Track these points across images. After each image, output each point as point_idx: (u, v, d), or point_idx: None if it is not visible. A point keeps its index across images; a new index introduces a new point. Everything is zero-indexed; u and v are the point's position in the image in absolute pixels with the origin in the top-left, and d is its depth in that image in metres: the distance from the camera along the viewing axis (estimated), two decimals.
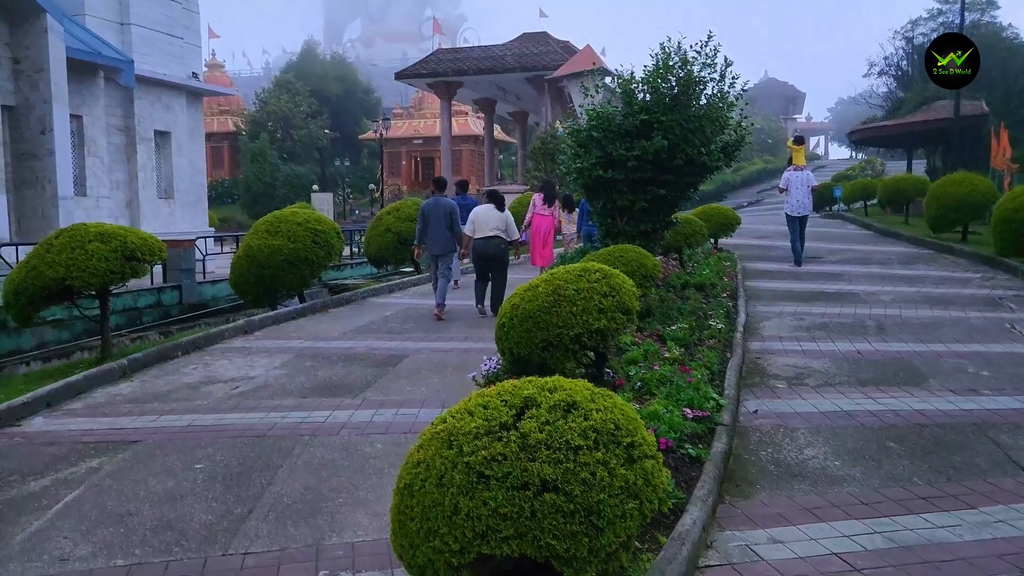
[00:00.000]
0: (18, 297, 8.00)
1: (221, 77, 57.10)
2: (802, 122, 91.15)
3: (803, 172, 14.75)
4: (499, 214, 10.67)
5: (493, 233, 10.57)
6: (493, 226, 10.58)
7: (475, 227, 10.66)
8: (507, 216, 10.77)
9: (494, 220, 10.61)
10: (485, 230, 10.58)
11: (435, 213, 10.79)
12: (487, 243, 10.57)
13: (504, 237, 10.68)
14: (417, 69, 36.84)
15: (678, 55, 9.53)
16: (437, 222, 10.75)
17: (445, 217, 10.76)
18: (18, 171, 18.88)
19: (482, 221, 10.64)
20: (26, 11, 18.30)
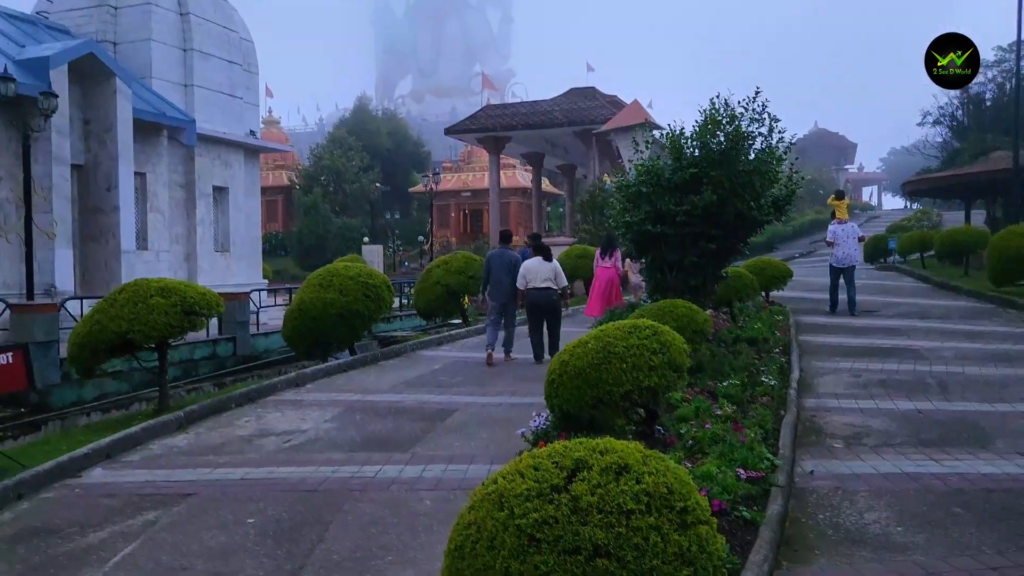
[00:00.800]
0: (82, 350, 8.26)
1: (277, 134, 58.92)
2: (854, 173, 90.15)
3: (849, 225, 15.34)
4: (549, 265, 10.98)
5: (545, 284, 10.87)
6: (544, 277, 10.88)
7: (527, 280, 10.93)
8: (556, 266, 11.09)
9: (545, 271, 10.91)
10: (537, 282, 10.87)
11: (499, 264, 11.45)
12: (540, 294, 10.89)
13: (555, 287, 10.98)
14: (466, 124, 37.53)
15: (726, 111, 9.57)
16: (501, 272, 11.36)
17: (509, 268, 11.36)
18: (84, 226, 19.62)
19: (534, 273, 10.92)
20: (97, 75, 19.22)
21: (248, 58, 26.02)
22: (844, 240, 14.84)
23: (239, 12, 26.08)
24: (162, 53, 22.70)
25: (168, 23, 22.95)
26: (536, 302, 10.90)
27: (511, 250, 11.94)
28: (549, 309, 10.97)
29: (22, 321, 12.23)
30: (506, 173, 50.32)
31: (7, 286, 17.33)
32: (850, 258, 14.73)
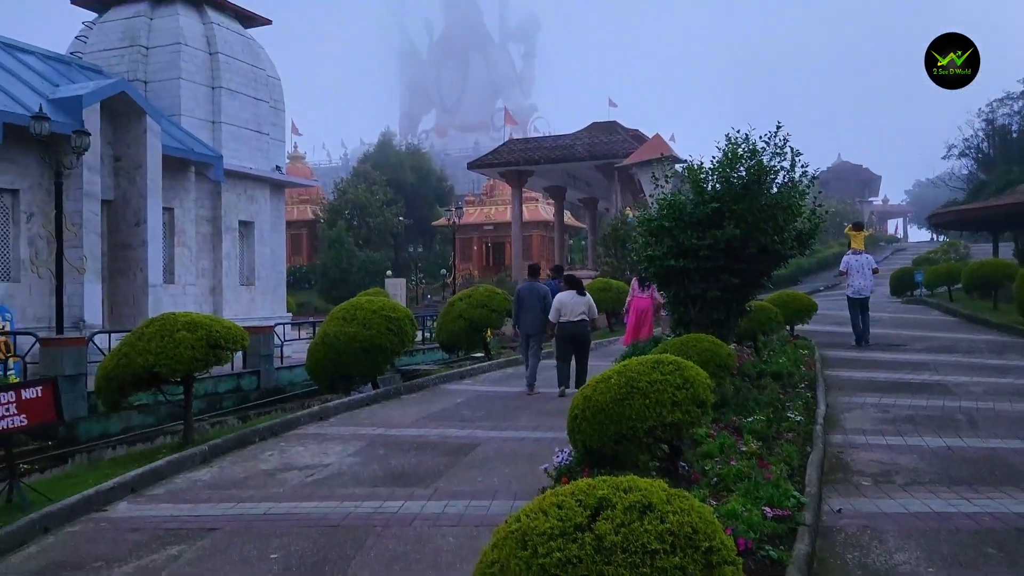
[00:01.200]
0: (109, 383, 8.36)
1: (302, 169, 59.71)
2: (879, 205, 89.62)
3: (863, 256, 15.48)
4: (582, 298, 11.27)
5: (579, 318, 11.16)
6: (580, 311, 11.17)
7: (561, 313, 11.18)
8: (589, 300, 11.42)
9: (580, 305, 11.20)
10: (572, 315, 11.13)
11: (529, 297, 11.83)
12: (575, 327, 11.13)
13: (588, 320, 11.36)
14: (489, 159, 37.86)
15: (746, 145, 9.59)
16: (531, 305, 11.74)
17: (539, 300, 11.71)
18: (113, 260, 19.96)
19: (569, 307, 11.18)
20: (129, 113, 19.68)
21: (275, 95, 26.53)
22: (858, 271, 15.03)
23: (267, 50, 26.65)
24: (191, 91, 23.21)
25: (197, 62, 23.49)
26: (570, 334, 11.18)
27: (539, 283, 12.33)
28: (581, 341, 11.26)
29: (51, 355, 12.41)
30: (528, 206, 50.60)
31: (37, 319, 17.62)
32: (866, 289, 14.92)
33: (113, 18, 24.11)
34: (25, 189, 17.87)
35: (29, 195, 17.96)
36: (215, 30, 24.15)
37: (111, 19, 24.14)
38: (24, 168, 17.80)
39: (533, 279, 12.48)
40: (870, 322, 15.29)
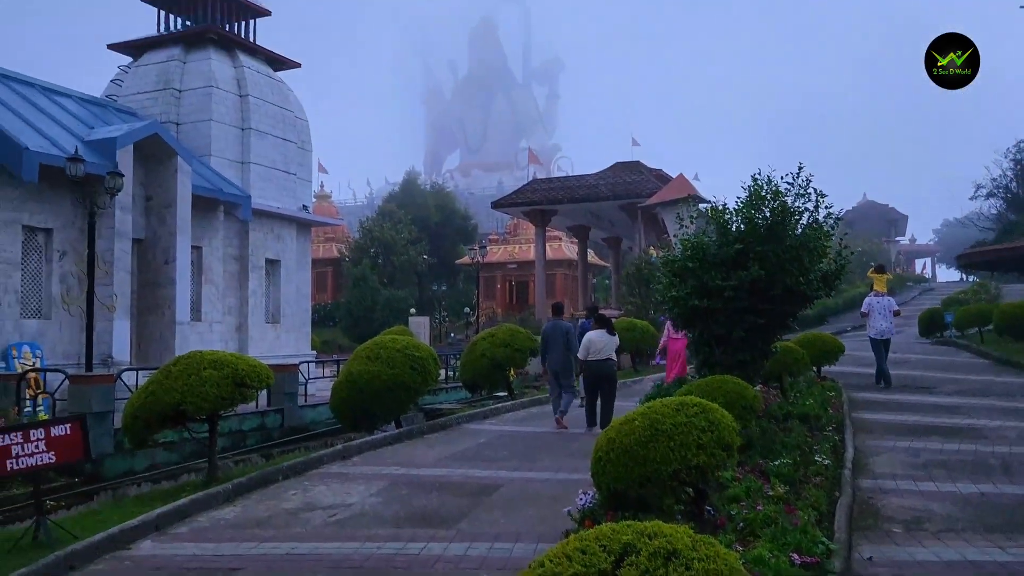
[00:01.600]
0: (136, 421, 8.44)
1: (328, 207, 60.44)
2: (906, 244, 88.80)
3: (885, 298, 15.63)
4: (611, 338, 11.52)
5: (606, 356, 11.39)
6: (609, 351, 11.41)
7: (589, 352, 11.38)
8: (617, 339, 11.70)
9: (609, 344, 11.44)
10: (600, 354, 11.33)
11: (554, 335, 12.18)
12: (602, 365, 11.34)
13: (615, 359, 11.63)
14: (513, 198, 38.11)
15: (769, 187, 9.60)
16: (555, 343, 12.08)
17: (562, 338, 12.05)
18: (142, 297, 20.26)
19: (597, 345, 11.39)
20: (160, 154, 20.13)
21: (302, 136, 27.00)
22: (880, 312, 15.19)
23: (295, 93, 27.20)
24: (221, 132, 23.71)
25: (228, 104, 24.01)
26: (597, 372, 11.38)
27: (564, 321, 12.72)
28: (608, 379, 11.44)
29: (80, 392, 12.55)
30: (552, 245, 50.72)
31: (67, 356, 17.87)
32: (888, 331, 15.13)
33: (148, 62, 24.79)
34: (58, 228, 18.26)
35: (62, 234, 18.34)
36: (246, 73, 24.72)
37: (146, 63, 24.81)
38: (58, 207, 18.20)
39: (557, 317, 12.84)
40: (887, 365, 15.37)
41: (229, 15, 26.43)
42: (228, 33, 25.63)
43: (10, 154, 16.89)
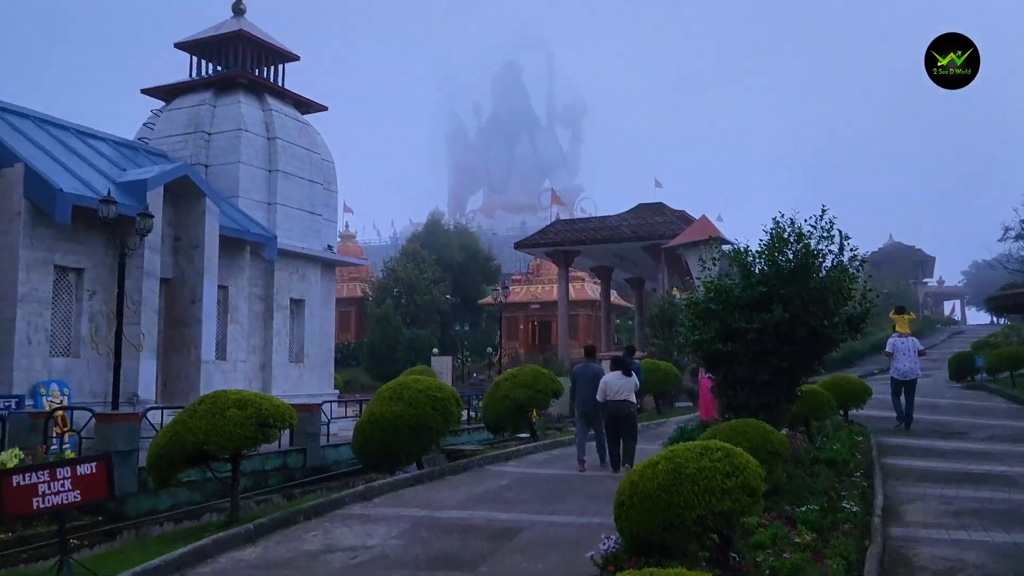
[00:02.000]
0: (161, 460, 8.49)
1: (353, 247, 61.00)
2: (933, 286, 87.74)
3: (908, 339, 15.63)
4: (628, 379, 11.62)
5: (623, 397, 11.47)
6: (627, 392, 11.50)
7: (606, 393, 11.55)
8: (635, 381, 11.77)
9: (626, 386, 11.55)
10: (618, 395, 11.47)
11: (584, 376, 12.37)
12: (619, 406, 11.45)
13: (634, 400, 11.69)
14: (536, 239, 38.29)
15: (792, 229, 9.58)
16: (585, 384, 12.23)
17: (592, 380, 12.14)
18: (168, 337, 20.47)
19: (614, 388, 11.54)
20: (189, 195, 20.51)
21: (328, 177, 27.38)
22: (904, 353, 15.24)
23: (321, 135, 27.66)
24: (249, 174, 24.11)
25: (256, 147, 24.47)
26: (614, 414, 11.52)
27: (595, 363, 13.02)
28: (626, 420, 11.56)
29: (106, 430, 12.65)
30: (575, 286, 50.70)
31: (94, 394, 18.04)
32: (912, 371, 15.17)
33: (179, 106, 25.37)
34: (89, 268, 18.58)
35: (93, 273, 18.65)
36: (274, 117, 25.21)
37: (177, 107, 25.39)
38: (89, 248, 18.54)
39: (589, 359, 13.14)
40: (914, 407, 15.41)
41: (259, 61, 27.04)
42: (257, 78, 26.20)
43: (45, 196, 17.28)
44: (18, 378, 16.87)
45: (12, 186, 17.41)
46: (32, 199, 17.38)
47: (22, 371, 17.02)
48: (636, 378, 11.88)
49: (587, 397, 12.16)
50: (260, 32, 27.12)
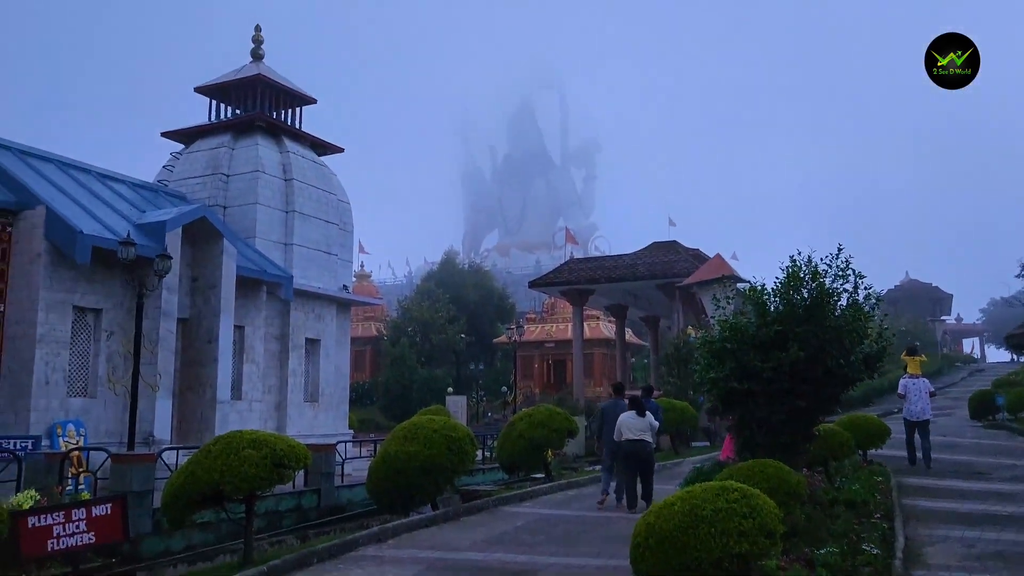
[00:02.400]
0: (176, 500, 8.49)
1: (368, 287, 61.30)
2: (952, 324, 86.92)
3: (920, 380, 15.83)
4: (642, 419, 11.63)
5: (639, 436, 11.51)
6: (639, 429, 11.54)
7: (622, 432, 11.60)
8: (650, 419, 11.73)
9: (640, 425, 11.60)
10: (632, 434, 11.54)
11: (612, 414, 12.40)
12: (633, 445, 11.51)
13: (650, 440, 11.71)
14: (550, 278, 38.32)
15: (808, 268, 9.58)
16: (614, 421, 12.14)
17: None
18: (184, 377, 20.57)
19: (629, 427, 11.59)
20: (207, 236, 20.75)
21: (344, 218, 27.66)
22: (915, 394, 15.36)
23: (338, 176, 28.02)
24: (266, 215, 24.42)
25: (273, 188, 24.80)
26: (630, 452, 11.58)
27: (624, 401, 12.91)
28: (643, 460, 11.63)
29: (121, 471, 12.66)
30: (590, 324, 50.63)
31: (109, 434, 18.12)
32: (924, 412, 15.30)
33: (199, 148, 25.82)
34: (108, 309, 18.77)
35: (111, 314, 18.84)
36: (291, 158, 25.59)
37: (197, 150, 25.84)
38: (108, 288, 18.75)
39: (618, 397, 13.32)
40: (930, 446, 15.36)
41: (277, 104, 27.53)
42: (275, 120, 26.65)
43: (65, 237, 17.55)
44: (35, 418, 16.98)
45: (34, 228, 17.70)
46: (53, 241, 17.65)
47: (39, 411, 17.13)
48: (652, 418, 11.88)
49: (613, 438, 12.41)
50: (278, 76, 27.65)
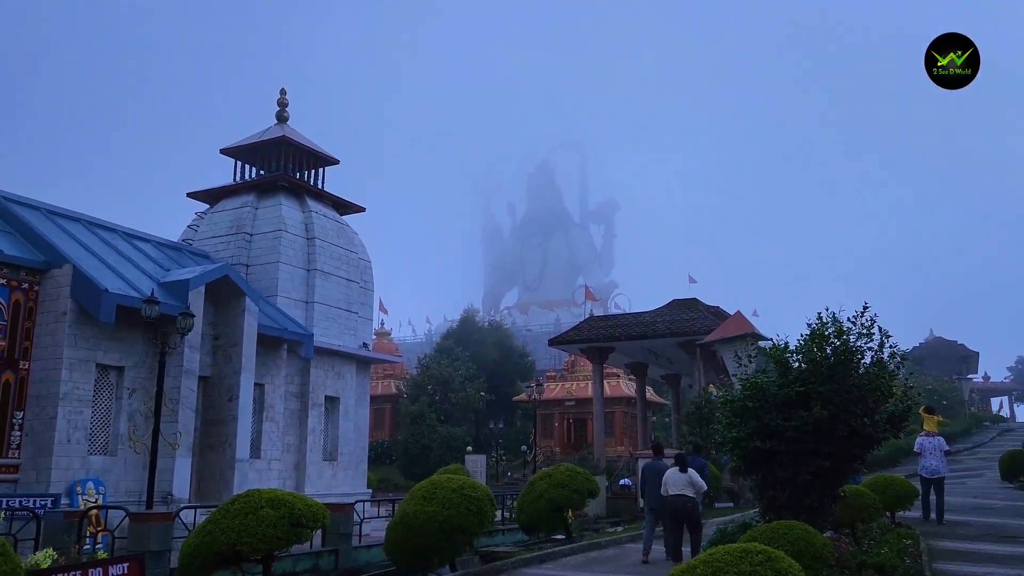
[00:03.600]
0: (193, 561, 8.44)
1: (388, 345, 61.46)
2: (979, 382, 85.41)
3: (935, 438, 16.25)
4: (684, 475, 12.05)
5: (681, 491, 11.96)
6: (681, 486, 11.99)
7: (668, 488, 12.15)
8: (692, 475, 12.14)
9: (682, 480, 12.03)
10: (675, 489, 12.03)
11: (653, 472, 13.16)
12: (676, 500, 11.98)
13: (692, 495, 12.06)
14: (570, 335, 38.25)
15: (833, 325, 9.53)
16: (654, 480, 12.95)
17: (660, 476, 12.71)
18: (204, 435, 20.58)
19: (672, 482, 12.12)
20: (229, 295, 20.98)
21: (365, 276, 27.89)
22: (931, 452, 15.82)
23: (359, 235, 28.35)
24: (288, 273, 24.68)
25: (296, 247, 25.13)
26: (672, 508, 12.02)
27: (663, 460, 13.58)
28: (685, 514, 12.01)
29: (139, 530, 12.61)
30: (610, 382, 50.30)
31: (129, 493, 18.09)
32: (939, 470, 15.79)
33: (223, 208, 26.29)
34: (130, 367, 18.92)
35: (133, 372, 18.98)
36: (313, 218, 25.96)
37: (221, 209, 26.31)
38: (130, 346, 18.94)
39: (657, 457, 13.90)
40: (944, 504, 15.94)
41: (300, 164, 28.07)
42: (299, 181, 27.13)
43: (90, 296, 17.80)
44: (56, 476, 17.00)
45: (60, 288, 17.99)
46: (78, 299, 17.91)
47: (60, 469, 17.15)
48: (695, 474, 12.31)
49: (655, 493, 12.82)
50: (302, 137, 28.25)
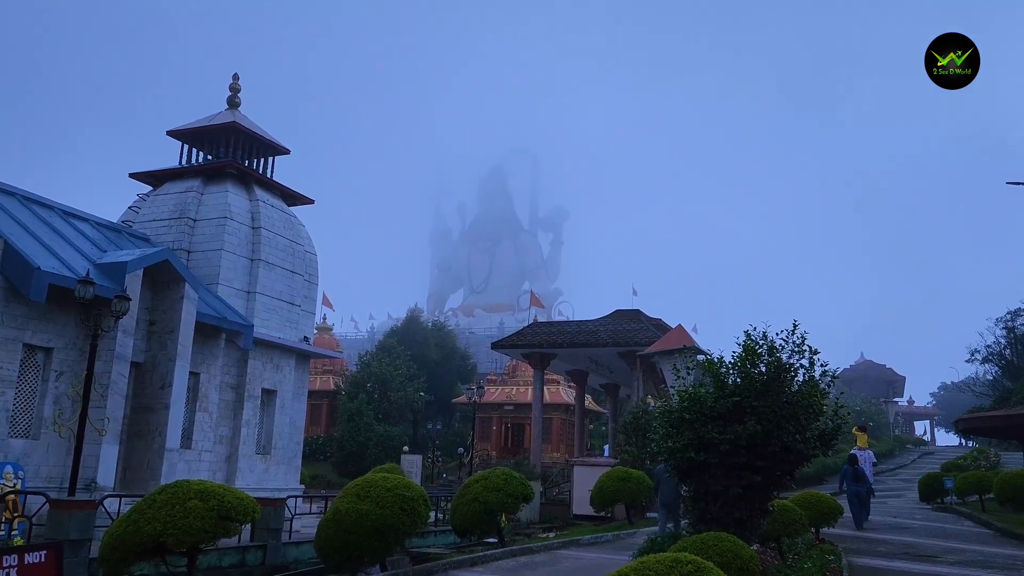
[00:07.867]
0: (113, 552, 8.20)
1: (329, 340, 60.69)
2: (904, 406, 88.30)
3: (866, 452, 19.72)
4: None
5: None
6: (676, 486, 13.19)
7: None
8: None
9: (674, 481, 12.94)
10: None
11: (667, 476, 13.85)
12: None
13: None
14: (513, 340, 38.30)
15: (764, 342, 9.75)
16: (669, 481, 13.95)
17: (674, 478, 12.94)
18: (133, 423, 20.03)
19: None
20: (168, 280, 20.50)
21: (310, 270, 27.52)
22: (862, 462, 19.08)
23: (306, 227, 27.96)
24: (231, 262, 24.21)
25: (240, 235, 24.66)
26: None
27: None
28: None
29: (59, 517, 12.17)
30: (550, 389, 50.55)
31: (50, 479, 17.50)
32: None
33: (167, 192, 25.66)
34: (59, 348, 18.31)
35: (62, 354, 18.37)
36: (260, 207, 25.52)
37: (165, 193, 25.68)
38: (61, 328, 18.34)
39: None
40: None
41: (250, 152, 27.56)
42: (247, 168, 26.63)
43: (21, 273, 17.17)
44: None
45: None
46: (7, 276, 17.27)
47: None
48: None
49: (670, 491, 14.20)
50: (252, 125, 27.77)
